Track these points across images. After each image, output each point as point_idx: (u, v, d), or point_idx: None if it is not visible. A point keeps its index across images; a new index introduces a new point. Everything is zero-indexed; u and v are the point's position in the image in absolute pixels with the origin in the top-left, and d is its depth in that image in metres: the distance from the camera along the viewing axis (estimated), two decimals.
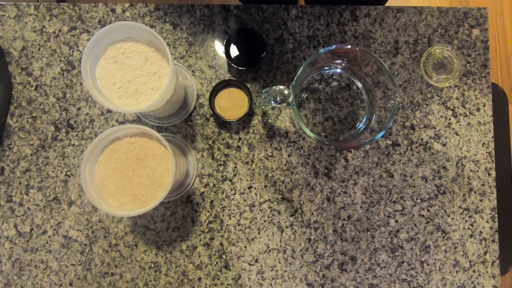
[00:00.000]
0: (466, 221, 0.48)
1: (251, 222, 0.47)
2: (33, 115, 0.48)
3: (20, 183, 0.47)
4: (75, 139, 0.48)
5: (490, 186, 0.48)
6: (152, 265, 0.46)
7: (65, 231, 0.46)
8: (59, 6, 0.49)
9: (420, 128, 0.48)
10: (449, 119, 0.49)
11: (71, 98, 0.48)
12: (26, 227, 0.47)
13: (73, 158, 0.47)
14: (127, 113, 0.48)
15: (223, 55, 0.48)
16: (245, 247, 0.47)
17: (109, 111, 0.48)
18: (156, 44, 0.37)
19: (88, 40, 0.49)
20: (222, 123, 0.48)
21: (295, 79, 0.40)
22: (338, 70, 0.48)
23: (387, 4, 0.55)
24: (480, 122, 0.49)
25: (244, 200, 0.47)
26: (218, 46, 0.49)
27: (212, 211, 0.47)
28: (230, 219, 0.47)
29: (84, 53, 0.35)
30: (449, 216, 0.48)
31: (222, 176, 0.47)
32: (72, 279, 0.46)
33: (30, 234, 0.46)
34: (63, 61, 0.49)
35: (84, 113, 0.48)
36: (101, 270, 0.46)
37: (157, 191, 0.36)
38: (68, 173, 0.47)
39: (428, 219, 0.48)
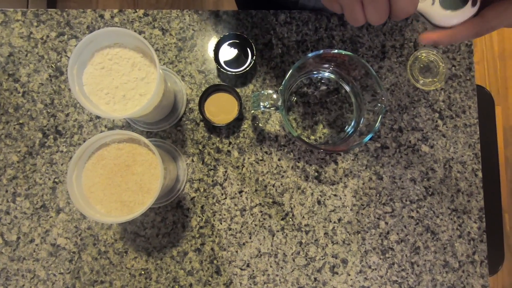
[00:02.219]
0: (455, 221, 0.48)
1: (242, 226, 0.47)
2: (20, 121, 0.47)
3: (6, 191, 0.46)
4: (63, 146, 0.47)
5: (477, 187, 0.49)
6: (143, 272, 0.46)
7: (53, 239, 0.46)
8: (46, 12, 0.49)
9: (408, 130, 0.49)
10: (436, 121, 0.49)
11: (59, 104, 0.48)
12: (12, 236, 0.46)
13: (61, 164, 0.47)
14: (115, 119, 0.48)
15: (213, 60, 0.49)
16: (236, 251, 0.46)
17: (98, 117, 0.48)
18: (143, 49, 0.37)
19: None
20: (212, 128, 0.48)
21: (283, 83, 0.40)
22: (327, 74, 0.48)
23: None
24: (466, 124, 0.50)
25: (235, 205, 0.47)
26: (208, 51, 0.49)
27: (203, 216, 0.47)
28: (221, 223, 0.47)
29: (71, 59, 0.35)
30: (437, 217, 0.48)
31: (212, 181, 0.47)
32: None
33: (17, 242, 0.46)
34: (51, 67, 0.48)
35: (73, 119, 0.48)
36: (90, 278, 0.45)
37: (146, 197, 0.36)
38: (56, 180, 0.47)
39: (417, 220, 0.48)
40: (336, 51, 0.40)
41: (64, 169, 0.47)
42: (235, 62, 0.47)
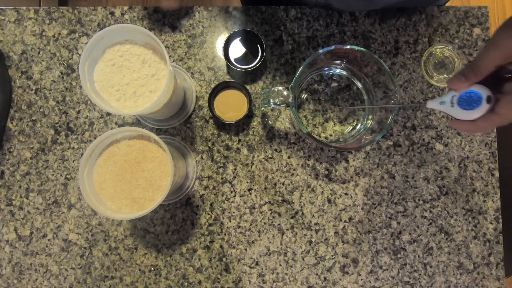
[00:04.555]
0: (470, 222, 0.47)
1: (251, 224, 0.47)
2: (33, 118, 0.48)
3: (20, 187, 0.47)
4: (74, 142, 0.48)
5: (493, 187, 0.47)
6: (152, 268, 0.46)
7: (64, 235, 0.46)
8: (58, 10, 0.49)
9: (421, 128, 0.48)
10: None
11: (70, 101, 0.48)
12: (26, 231, 0.46)
13: (73, 161, 0.47)
14: (126, 115, 0.48)
15: (222, 57, 0.48)
16: (246, 249, 0.46)
17: (108, 114, 0.48)
18: (154, 46, 0.37)
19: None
20: (222, 125, 0.48)
21: (294, 80, 0.40)
22: (338, 71, 0.48)
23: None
24: None
25: (244, 203, 0.47)
26: (217, 48, 0.49)
27: (212, 213, 0.47)
28: (230, 221, 0.47)
29: (82, 56, 0.35)
30: (452, 217, 0.47)
31: (222, 178, 0.47)
32: (72, 283, 0.46)
33: (30, 237, 0.46)
34: (63, 64, 0.49)
35: (84, 116, 0.48)
36: (101, 273, 0.46)
37: (156, 194, 0.36)
38: (67, 176, 0.47)
39: (430, 220, 0.47)
40: (348, 46, 0.39)
41: (76, 166, 0.47)
42: (245, 58, 0.46)
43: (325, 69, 0.48)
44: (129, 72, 0.37)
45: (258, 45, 0.46)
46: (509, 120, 0.28)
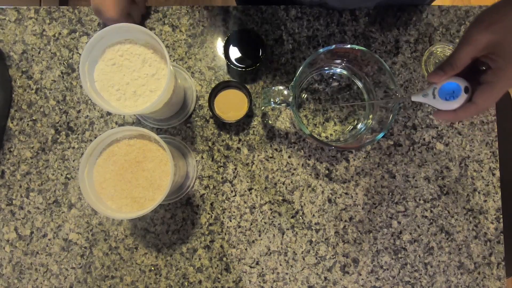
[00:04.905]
0: (470, 222, 0.47)
1: (251, 224, 0.47)
2: (33, 118, 0.48)
3: (20, 186, 0.47)
4: (75, 142, 0.48)
5: (494, 186, 0.47)
6: (152, 268, 0.46)
7: (65, 234, 0.46)
8: (59, 10, 0.49)
9: (422, 128, 0.48)
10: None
11: (71, 101, 0.48)
12: (26, 230, 0.46)
13: (73, 161, 0.47)
14: (126, 115, 0.48)
15: (223, 57, 0.48)
16: (246, 249, 0.46)
17: (109, 113, 0.48)
18: (154, 45, 0.37)
19: None
20: (222, 125, 0.48)
21: (294, 79, 0.40)
22: (338, 70, 0.48)
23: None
24: (483, 121, 0.48)
25: (245, 202, 0.47)
26: (218, 48, 0.49)
27: (212, 213, 0.47)
28: (231, 221, 0.47)
29: (83, 55, 0.35)
30: (452, 217, 0.47)
31: (222, 178, 0.47)
32: (73, 282, 0.46)
33: (31, 237, 0.46)
34: (63, 64, 0.49)
35: (84, 116, 0.48)
36: (101, 273, 0.46)
37: (156, 193, 0.36)
38: (68, 176, 0.47)
39: (431, 220, 0.47)
40: (348, 46, 0.39)
41: (76, 165, 0.47)
42: (245, 58, 0.46)
43: (326, 68, 0.48)
44: (129, 72, 0.37)
45: (259, 45, 0.46)
46: (484, 108, 0.30)
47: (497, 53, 0.29)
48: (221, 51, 0.48)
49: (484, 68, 0.32)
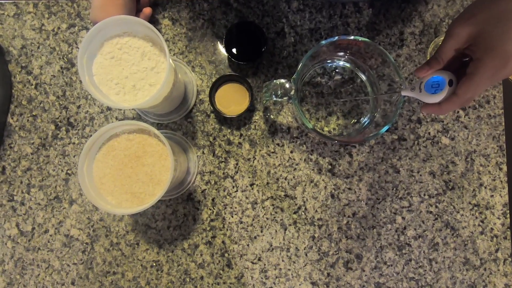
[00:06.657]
0: (476, 217, 0.46)
1: (253, 220, 0.46)
2: (33, 113, 0.48)
3: (21, 182, 0.47)
4: (75, 137, 0.47)
5: (501, 181, 0.46)
6: (154, 264, 0.46)
7: (66, 230, 0.46)
8: (57, 4, 0.49)
9: (427, 122, 0.47)
10: (458, 112, 0.47)
11: (70, 96, 0.48)
12: (28, 226, 0.46)
13: (74, 156, 0.47)
14: (125, 109, 0.47)
15: (223, 50, 0.47)
16: (248, 245, 0.46)
17: (109, 108, 0.48)
18: (153, 38, 0.36)
19: None
20: (223, 119, 0.47)
21: (296, 72, 0.39)
22: (341, 63, 0.47)
23: None
24: (490, 115, 0.47)
25: (246, 198, 0.46)
26: (218, 41, 0.48)
27: (214, 209, 0.46)
28: (232, 217, 0.46)
29: (80, 49, 0.34)
30: (458, 212, 0.46)
31: (223, 173, 0.47)
32: (74, 278, 0.46)
33: (32, 233, 0.46)
34: (63, 59, 0.48)
35: (84, 111, 0.48)
36: (102, 269, 0.46)
37: (156, 188, 0.36)
38: (68, 171, 0.47)
39: (436, 215, 0.46)
40: (352, 37, 0.38)
41: (77, 161, 0.47)
42: (246, 51, 0.46)
43: (328, 61, 0.47)
44: (128, 65, 0.36)
45: (260, 38, 0.45)
46: (466, 100, 0.31)
47: (476, 44, 0.29)
48: (222, 45, 0.48)
49: (467, 59, 0.32)
